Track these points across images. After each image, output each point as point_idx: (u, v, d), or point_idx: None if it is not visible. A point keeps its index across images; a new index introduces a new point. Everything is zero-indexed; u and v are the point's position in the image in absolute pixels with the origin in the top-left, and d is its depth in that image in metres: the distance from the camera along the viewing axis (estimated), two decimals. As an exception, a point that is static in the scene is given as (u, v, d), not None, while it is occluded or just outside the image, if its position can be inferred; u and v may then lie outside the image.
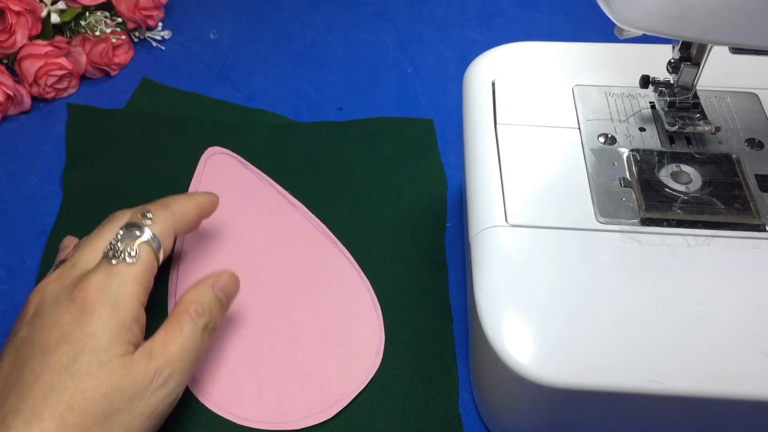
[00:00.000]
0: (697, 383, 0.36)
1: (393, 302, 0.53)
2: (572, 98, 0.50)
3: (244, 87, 0.72)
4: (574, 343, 0.38)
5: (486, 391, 0.44)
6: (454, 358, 0.50)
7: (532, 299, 0.39)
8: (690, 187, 0.44)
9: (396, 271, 0.55)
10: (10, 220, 0.60)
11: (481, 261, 0.42)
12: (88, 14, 0.71)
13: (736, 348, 0.37)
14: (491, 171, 0.46)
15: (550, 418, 0.41)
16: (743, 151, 0.47)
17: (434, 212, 0.59)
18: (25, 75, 0.68)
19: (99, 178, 0.62)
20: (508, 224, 0.43)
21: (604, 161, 0.46)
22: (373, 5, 0.82)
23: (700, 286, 0.40)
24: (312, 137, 0.65)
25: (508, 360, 0.38)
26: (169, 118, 0.67)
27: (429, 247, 0.57)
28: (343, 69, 0.74)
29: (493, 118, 0.49)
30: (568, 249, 0.41)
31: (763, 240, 0.42)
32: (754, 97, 0.50)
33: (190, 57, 0.76)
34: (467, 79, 0.53)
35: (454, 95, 0.71)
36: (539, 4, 0.82)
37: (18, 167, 0.64)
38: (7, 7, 0.66)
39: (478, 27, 0.79)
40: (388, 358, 0.50)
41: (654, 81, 0.48)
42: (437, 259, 0.56)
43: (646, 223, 0.43)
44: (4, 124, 0.68)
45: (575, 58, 0.53)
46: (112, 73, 0.73)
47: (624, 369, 0.37)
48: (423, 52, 0.76)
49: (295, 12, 0.82)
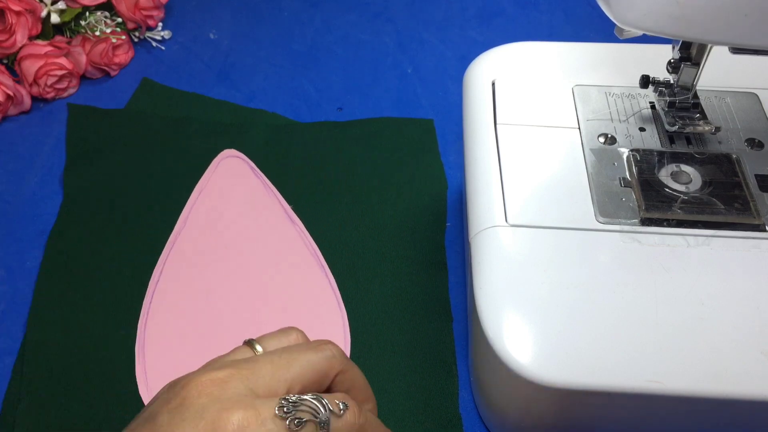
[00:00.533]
0: (697, 383, 0.36)
1: (393, 302, 0.53)
2: (572, 98, 0.50)
3: (244, 87, 0.72)
4: (574, 343, 0.38)
5: (486, 391, 0.44)
6: (453, 357, 0.50)
7: (532, 299, 0.39)
8: (690, 187, 0.44)
9: (396, 271, 0.55)
10: (10, 220, 0.60)
11: (481, 261, 0.42)
12: (88, 14, 0.71)
13: (736, 348, 0.37)
14: (491, 171, 0.46)
15: (549, 418, 0.41)
16: (743, 151, 0.47)
17: (434, 212, 0.59)
18: (25, 75, 0.68)
19: (99, 178, 0.62)
20: (508, 224, 0.43)
21: (604, 161, 0.46)
22: (373, 5, 0.82)
23: (700, 286, 0.40)
24: (312, 137, 0.65)
25: (508, 360, 0.38)
26: (169, 118, 0.67)
27: (429, 247, 0.57)
28: (343, 69, 0.74)
29: (493, 118, 0.49)
30: (568, 249, 0.41)
31: (763, 240, 0.42)
32: (754, 97, 0.50)
33: (190, 57, 0.76)
34: (467, 79, 0.53)
35: (454, 95, 0.71)
36: (539, 4, 0.82)
37: (18, 167, 0.64)
38: (7, 7, 0.66)
39: (478, 27, 0.79)
40: (387, 359, 0.50)
41: (654, 81, 0.48)
42: (437, 259, 0.56)
43: (646, 223, 0.43)
44: (4, 124, 0.68)
45: (575, 58, 0.53)
46: (112, 73, 0.73)
47: (624, 369, 0.37)
48: (423, 52, 0.76)
49: (295, 12, 0.82)
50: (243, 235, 0.57)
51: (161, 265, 0.55)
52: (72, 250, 0.56)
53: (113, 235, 0.57)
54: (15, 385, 0.49)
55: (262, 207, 0.59)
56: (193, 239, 0.57)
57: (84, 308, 0.53)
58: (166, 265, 0.55)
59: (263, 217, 0.58)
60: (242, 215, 0.58)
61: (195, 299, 0.53)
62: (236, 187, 0.61)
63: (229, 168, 0.62)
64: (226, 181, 0.61)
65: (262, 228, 0.58)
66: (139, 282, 0.54)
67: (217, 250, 0.56)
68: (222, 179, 0.61)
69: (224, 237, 0.57)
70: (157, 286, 0.54)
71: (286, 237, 0.57)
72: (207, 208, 0.59)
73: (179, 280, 0.54)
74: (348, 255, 0.56)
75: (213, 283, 0.54)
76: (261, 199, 0.60)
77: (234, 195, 0.60)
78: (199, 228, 0.57)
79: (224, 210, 0.59)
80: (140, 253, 0.56)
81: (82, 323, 0.52)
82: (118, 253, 0.56)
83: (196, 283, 0.54)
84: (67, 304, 0.53)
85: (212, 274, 0.55)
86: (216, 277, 0.55)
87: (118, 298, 0.53)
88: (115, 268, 0.55)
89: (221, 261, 0.56)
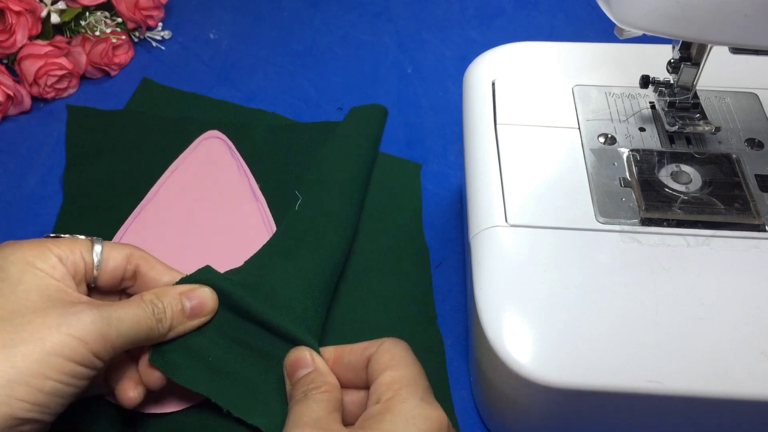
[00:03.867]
0: (697, 383, 0.36)
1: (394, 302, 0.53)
2: (572, 98, 0.50)
3: (244, 87, 0.72)
4: (574, 343, 0.38)
5: (486, 391, 0.44)
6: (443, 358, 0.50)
7: (532, 299, 0.39)
8: (690, 187, 0.44)
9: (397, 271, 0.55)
10: (10, 220, 0.60)
11: (481, 261, 0.42)
12: (88, 14, 0.71)
13: (736, 348, 0.37)
14: (491, 171, 0.46)
15: (549, 418, 0.41)
16: (743, 151, 0.47)
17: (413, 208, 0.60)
18: (25, 75, 0.68)
19: (99, 179, 0.62)
20: (508, 224, 0.43)
21: (604, 161, 0.46)
22: (373, 5, 0.82)
23: (700, 286, 0.40)
24: (312, 137, 0.65)
25: (508, 360, 0.38)
26: (169, 119, 0.67)
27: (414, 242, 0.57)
28: (343, 69, 0.74)
29: (493, 118, 0.49)
30: (567, 249, 0.41)
31: (763, 240, 0.42)
32: (754, 97, 0.50)
33: (190, 57, 0.76)
34: (467, 79, 0.53)
35: (454, 95, 0.71)
36: (539, 4, 0.82)
37: (18, 167, 0.64)
38: (7, 7, 0.66)
39: (478, 27, 0.79)
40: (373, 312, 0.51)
41: (654, 81, 0.48)
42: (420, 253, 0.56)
43: (646, 223, 0.43)
44: (4, 124, 0.68)
45: (575, 58, 0.53)
46: (112, 73, 0.73)
47: (624, 369, 0.37)
48: (423, 52, 0.76)
49: (295, 12, 0.82)
50: (206, 209, 0.58)
51: (122, 232, 0.56)
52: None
53: (113, 235, 0.57)
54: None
55: (231, 182, 0.60)
56: (159, 211, 0.58)
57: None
58: (124, 237, 0.56)
59: (229, 190, 0.60)
60: (210, 190, 0.59)
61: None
62: (211, 164, 0.62)
63: (208, 148, 0.63)
64: (203, 158, 0.62)
65: (225, 201, 0.59)
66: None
67: (180, 221, 0.57)
68: (199, 157, 0.62)
69: (188, 210, 0.58)
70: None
71: (245, 210, 0.58)
72: (179, 182, 0.60)
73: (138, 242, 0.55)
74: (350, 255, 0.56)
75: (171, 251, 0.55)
76: (232, 176, 0.61)
77: (208, 171, 0.61)
78: (166, 201, 0.59)
79: (194, 186, 0.60)
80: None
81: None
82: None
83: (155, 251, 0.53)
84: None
85: (171, 244, 0.56)
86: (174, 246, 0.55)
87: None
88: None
89: (181, 233, 0.57)
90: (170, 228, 0.57)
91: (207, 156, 0.62)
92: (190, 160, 0.62)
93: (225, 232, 0.57)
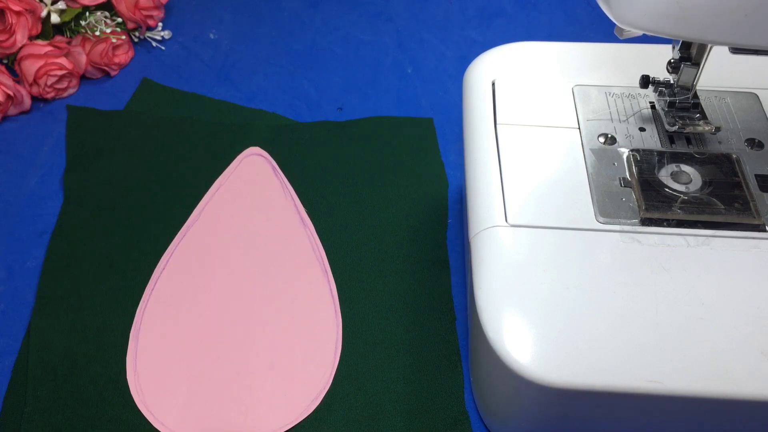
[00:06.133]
0: (697, 383, 0.36)
1: (396, 301, 0.53)
2: (572, 98, 0.50)
3: (244, 87, 0.72)
4: (574, 343, 0.38)
5: (486, 391, 0.44)
6: (458, 356, 0.50)
7: (532, 299, 0.39)
8: (690, 187, 0.44)
9: (398, 270, 0.55)
10: (10, 220, 0.60)
11: (481, 261, 0.42)
12: (88, 14, 0.71)
13: (736, 348, 0.37)
14: (491, 171, 0.46)
15: (549, 418, 0.41)
16: (743, 151, 0.46)
17: (435, 210, 0.59)
18: (25, 75, 0.68)
19: (99, 179, 0.62)
20: (508, 224, 0.43)
21: (604, 161, 0.46)
22: (373, 5, 0.82)
23: (700, 286, 0.40)
24: (312, 137, 0.65)
25: (508, 360, 0.38)
26: (169, 119, 0.67)
27: (430, 246, 0.57)
28: (343, 69, 0.74)
29: (493, 118, 0.49)
30: (567, 249, 0.41)
31: (763, 240, 0.42)
32: (754, 97, 0.50)
33: (190, 57, 0.76)
34: (467, 79, 0.53)
35: (454, 95, 0.71)
36: (539, 4, 0.82)
37: (18, 167, 0.64)
38: (7, 7, 0.66)
39: (478, 27, 0.79)
40: (392, 358, 0.50)
41: (654, 81, 0.48)
42: (439, 257, 0.56)
43: (646, 223, 0.43)
44: (4, 124, 0.68)
45: (575, 58, 0.53)
46: (112, 73, 0.73)
47: (624, 369, 0.37)
48: (423, 52, 0.76)
49: (295, 12, 0.82)
50: (253, 233, 0.57)
51: (169, 254, 0.56)
52: (73, 251, 0.56)
53: (114, 236, 0.57)
54: (16, 386, 0.49)
55: (277, 207, 0.59)
56: (204, 233, 0.57)
57: (86, 309, 0.53)
58: (173, 255, 0.56)
59: (276, 217, 0.59)
60: (256, 213, 0.59)
61: (196, 291, 0.53)
62: (255, 184, 0.61)
63: (250, 165, 0.62)
64: (247, 177, 0.61)
65: (273, 228, 0.58)
66: (141, 282, 0.54)
67: (226, 245, 0.56)
68: (243, 175, 0.62)
69: (235, 233, 0.57)
70: (162, 273, 0.54)
71: (295, 239, 0.57)
72: (223, 203, 0.59)
73: (183, 271, 0.55)
74: (350, 254, 0.56)
75: (216, 277, 0.54)
76: (277, 199, 0.60)
77: (251, 193, 0.60)
78: (212, 222, 0.58)
79: (239, 207, 0.59)
80: (142, 253, 0.56)
81: (84, 325, 0.52)
82: (120, 254, 0.56)
83: (199, 275, 0.54)
84: (69, 306, 0.53)
85: (216, 269, 0.55)
86: (220, 272, 0.55)
87: (119, 299, 0.53)
88: (116, 269, 0.55)
89: (228, 257, 0.56)
90: (216, 252, 0.56)
91: (250, 175, 0.62)
92: (233, 180, 0.61)
93: (273, 258, 0.56)
